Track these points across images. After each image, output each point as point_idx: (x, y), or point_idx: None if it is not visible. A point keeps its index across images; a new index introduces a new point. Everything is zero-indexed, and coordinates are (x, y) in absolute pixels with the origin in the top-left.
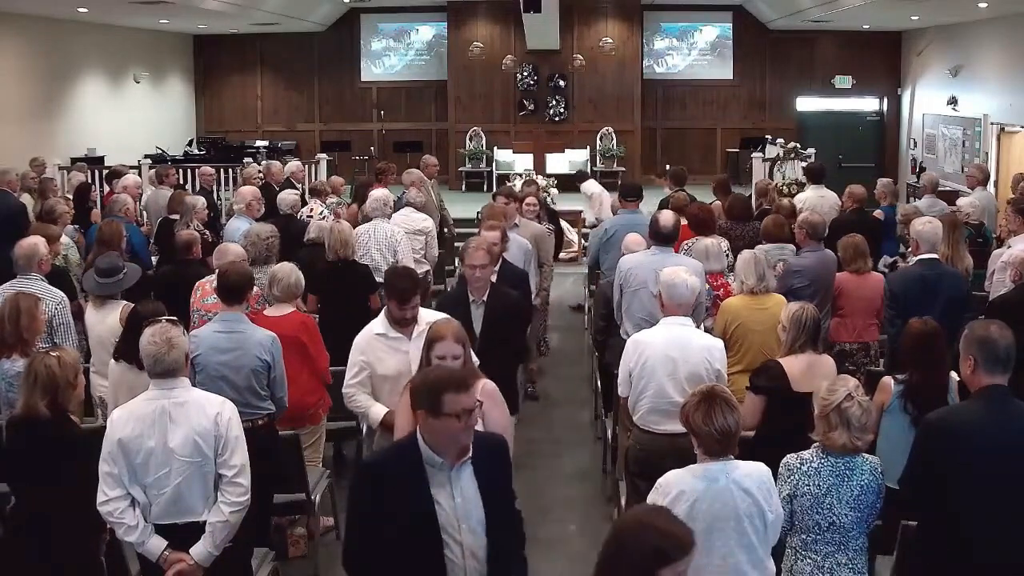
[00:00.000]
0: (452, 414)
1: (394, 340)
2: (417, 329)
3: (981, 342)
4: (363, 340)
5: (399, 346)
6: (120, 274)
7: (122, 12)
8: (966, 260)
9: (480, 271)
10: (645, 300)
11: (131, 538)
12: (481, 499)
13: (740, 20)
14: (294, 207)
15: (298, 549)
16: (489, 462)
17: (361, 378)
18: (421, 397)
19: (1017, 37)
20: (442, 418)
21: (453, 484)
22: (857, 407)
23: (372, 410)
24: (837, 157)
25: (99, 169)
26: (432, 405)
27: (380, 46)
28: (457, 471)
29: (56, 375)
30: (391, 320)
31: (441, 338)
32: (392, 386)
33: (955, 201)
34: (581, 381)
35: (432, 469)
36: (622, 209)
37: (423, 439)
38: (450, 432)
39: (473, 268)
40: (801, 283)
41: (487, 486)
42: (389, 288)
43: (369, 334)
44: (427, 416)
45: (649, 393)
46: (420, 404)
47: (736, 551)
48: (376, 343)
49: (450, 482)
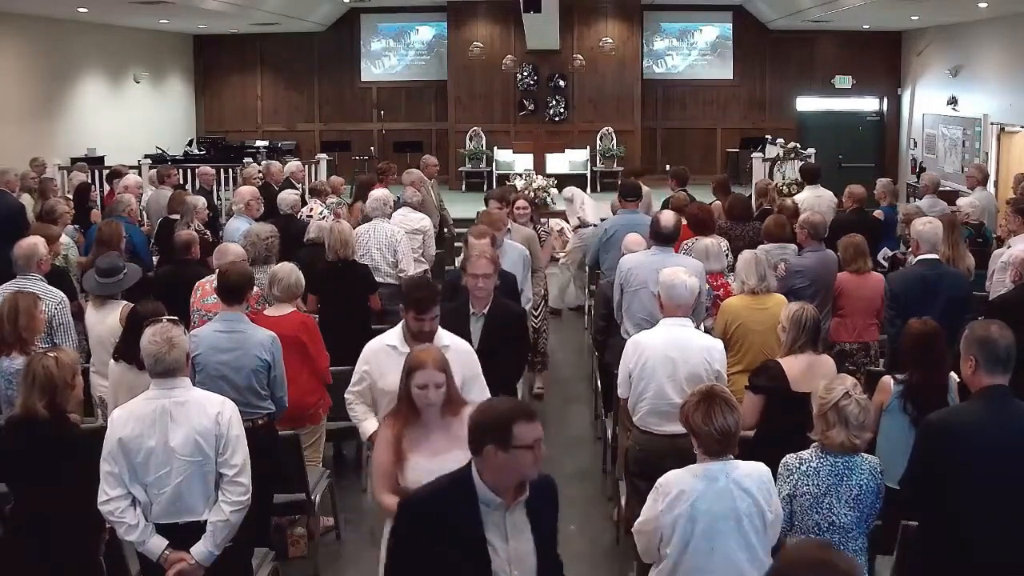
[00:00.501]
0: (524, 445)
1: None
2: None
3: (982, 342)
4: (372, 349)
5: None
6: (120, 274)
7: (122, 12)
8: (968, 260)
9: (484, 280)
10: (646, 300)
11: (132, 537)
12: (534, 544)
13: (740, 20)
14: (294, 207)
15: (298, 549)
16: (541, 503)
17: (361, 388)
18: (485, 432)
19: (1017, 37)
20: (512, 451)
21: (508, 526)
22: (855, 405)
23: (363, 425)
24: (837, 157)
25: (99, 169)
26: (502, 437)
27: (380, 46)
28: (511, 512)
29: (54, 375)
30: (408, 334)
31: (421, 366)
32: (391, 402)
33: (955, 201)
34: (581, 381)
35: (487, 509)
36: (622, 209)
37: (480, 476)
38: (521, 466)
39: (476, 278)
40: (802, 283)
41: (539, 530)
42: (406, 298)
43: (380, 344)
44: (496, 450)
45: (649, 394)
46: (484, 439)
47: (736, 551)
48: (384, 355)
49: (504, 524)
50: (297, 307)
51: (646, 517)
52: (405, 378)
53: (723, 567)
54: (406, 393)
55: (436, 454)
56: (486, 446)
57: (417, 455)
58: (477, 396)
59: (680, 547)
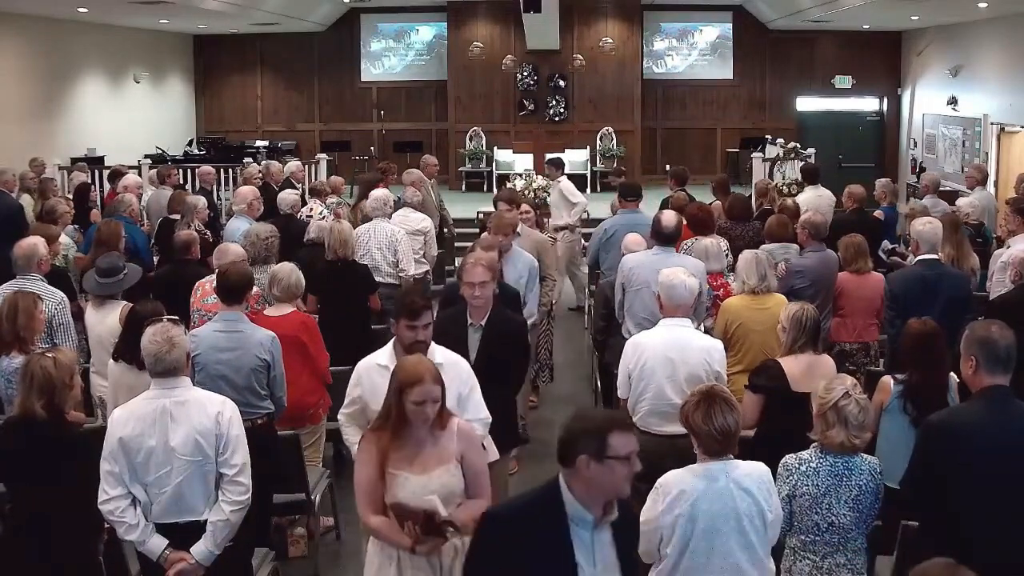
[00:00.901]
0: (620, 456)
1: None
2: None
3: (982, 342)
4: (363, 370)
5: None
6: (120, 274)
7: (122, 12)
8: (971, 259)
9: (480, 289)
10: (647, 299)
11: (132, 537)
12: (619, 567)
13: (740, 20)
14: (294, 207)
15: (298, 549)
16: (624, 523)
17: (353, 410)
18: (579, 441)
19: (1017, 37)
20: (607, 462)
21: (596, 547)
22: (854, 405)
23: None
24: (837, 157)
25: (99, 169)
26: (598, 448)
27: (380, 46)
28: (599, 531)
29: (52, 376)
30: (400, 350)
31: (418, 381)
32: None
33: (954, 202)
34: (581, 381)
35: (575, 528)
36: (622, 209)
37: (569, 490)
38: (615, 478)
39: (472, 286)
40: (803, 283)
41: (624, 551)
42: (397, 306)
43: (371, 364)
44: (590, 461)
45: (648, 395)
46: (577, 449)
47: (736, 551)
48: (376, 375)
49: (592, 545)
50: (297, 307)
51: (646, 517)
52: (397, 393)
53: (723, 567)
54: (398, 408)
55: (427, 470)
56: (579, 456)
57: (407, 471)
58: (472, 414)
59: (680, 547)
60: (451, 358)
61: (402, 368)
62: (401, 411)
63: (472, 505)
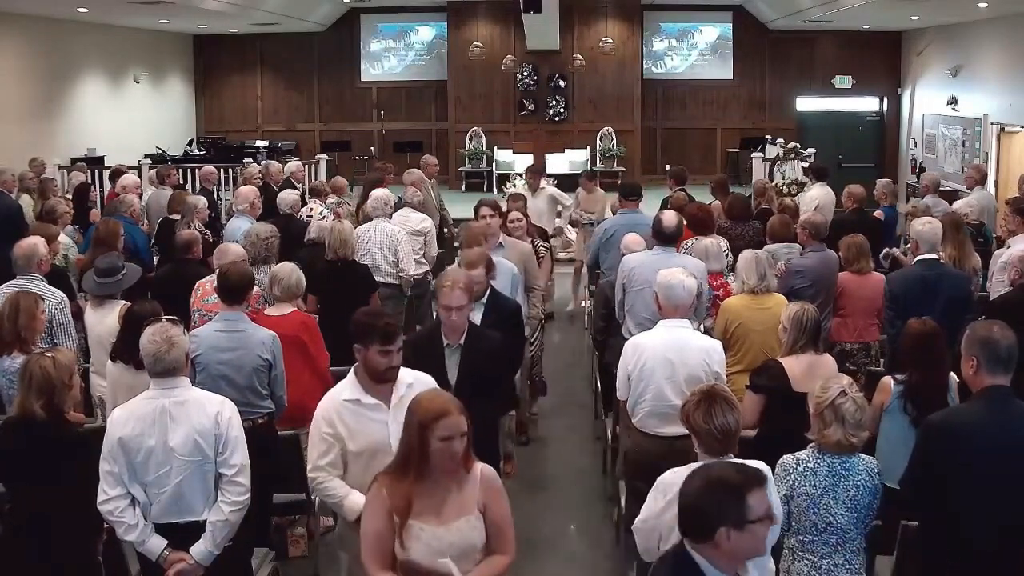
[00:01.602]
0: (761, 519)
1: (369, 408)
2: (397, 394)
3: (983, 343)
4: (328, 409)
5: (376, 415)
6: (119, 274)
7: (122, 12)
8: (973, 259)
9: (456, 314)
10: (648, 299)
11: (131, 537)
12: None
13: (740, 20)
14: (294, 207)
15: (298, 549)
16: None
17: (331, 457)
18: (715, 512)
19: (1017, 37)
20: (748, 527)
21: None
22: (851, 403)
23: (348, 500)
24: (837, 157)
25: (99, 169)
26: (738, 516)
27: (380, 46)
28: None
29: (51, 376)
30: (365, 379)
31: (444, 413)
32: (367, 464)
33: (953, 204)
34: (581, 381)
35: None
36: (622, 209)
37: (705, 560)
38: (757, 541)
39: (448, 310)
40: (803, 283)
41: None
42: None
43: (335, 401)
44: (730, 532)
45: (648, 396)
46: (714, 521)
47: None
48: (346, 412)
49: None
50: (297, 307)
51: (646, 515)
52: (419, 431)
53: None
54: (421, 449)
55: (447, 520)
56: (718, 530)
57: (425, 521)
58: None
59: None
60: (421, 379)
61: (421, 403)
62: (424, 452)
63: (493, 563)
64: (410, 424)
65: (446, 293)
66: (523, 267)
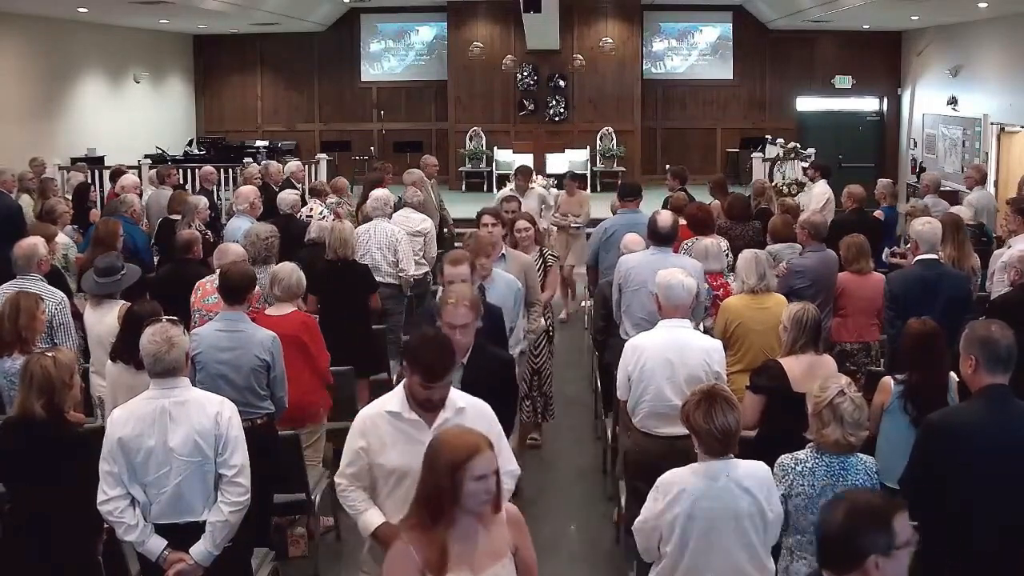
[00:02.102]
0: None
1: (410, 424)
2: (443, 415)
3: (983, 342)
4: (367, 419)
5: (416, 433)
6: (118, 274)
7: (122, 12)
8: (972, 259)
9: (462, 332)
10: (645, 300)
11: (131, 537)
12: None
13: (740, 20)
14: (294, 207)
15: (298, 549)
16: None
17: (357, 469)
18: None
19: (1017, 37)
20: (895, 554)
21: None
22: (849, 403)
23: (364, 516)
24: (837, 157)
25: (99, 169)
26: (887, 543)
27: (380, 46)
28: None
29: (52, 376)
30: (412, 399)
31: (477, 451)
32: (397, 484)
33: (954, 205)
34: (581, 381)
35: None
36: (621, 209)
37: None
38: (901, 568)
39: (453, 329)
40: (803, 283)
41: None
42: (413, 358)
43: (377, 411)
44: (878, 561)
45: (648, 396)
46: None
47: (736, 550)
48: (385, 424)
49: None
50: (298, 307)
51: (646, 516)
52: (450, 473)
53: (723, 566)
54: (452, 491)
55: (482, 569)
56: (868, 558)
57: (460, 573)
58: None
59: (680, 546)
60: (474, 404)
61: (448, 442)
62: (457, 495)
63: None
64: (436, 466)
65: (450, 310)
66: (524, 280)
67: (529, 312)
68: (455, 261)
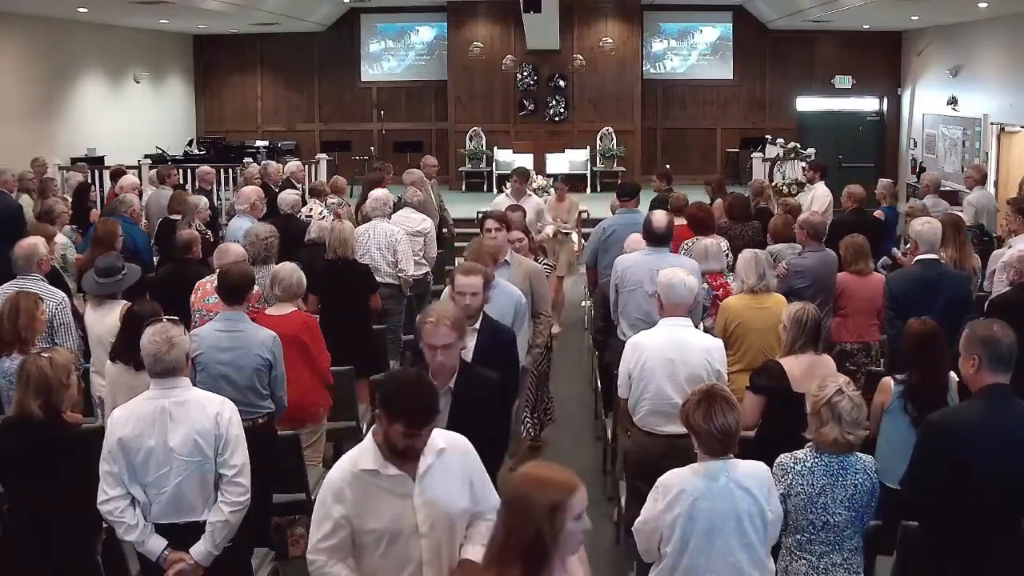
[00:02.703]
0: None
1: (392, 480)
2: (424, 461)
3: (985, 341)
4: (340, 482)
5: (398, 489)
6: (119, 274)
7: (122, 12)
8: (973, 259)
9: (443, 353)
10: (641, 300)
11: (131, 537)
12: None
13: (740, 20)
14: (294, 207)
15: (298, 549)
16: None
17: (337, 540)
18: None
19: (1017, 37)
20: None
21: None
22: (848, 402)
23: None
24: (837, 157)
25: (99, 169)
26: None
27: (380, 46)
28: None
29: (48, 376)
30: (386, 449)
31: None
32: (390, 544)
33: (954, 205)
34: (581, 381)
35: None
36: (620, 209)
37: None
38: None
39: (434, 350)
40: (802, 283)
41: None
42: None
43: (350, 471)
44: None
45: (649, 395)
46: None
47: (736, 550)
48: (362, 484)
49: None
50: (298, 307)
51: (646, 516)
52: (550, 515)
53: (723, 566)
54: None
55: None
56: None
57: None
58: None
59: (680, 546)
60: (453, 441)
61: (541, 481)
62: (556, 539)
63: None
64: (533, 511)
65: (430, 330)
66: (530, 288)
67: (535, 324)
68: (467, 271)
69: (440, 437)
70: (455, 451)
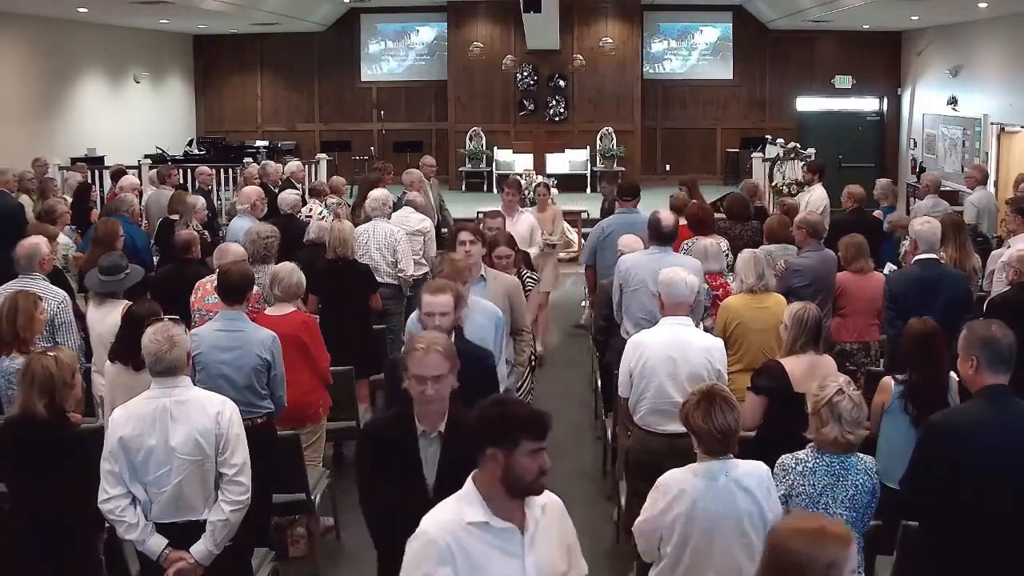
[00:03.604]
0: None
1: (503, 536)
2: (532, 515)
3: (985, 342)
4: (445, 539)
5: (510, 547)
6: (122, 272)
7: (122, 12)
8: (973, 259)
9: (434, 385)
10: (644, 299)
11: (131, 536)
12: None
13: (740, 20)
14: (294, 207)
15: (298, 549)
16: None
17: None
18: None
19: (1017, 37)
20: None
21: None
22: (848, 401)
23: None
24: (837, 157)
25: (99, 169)
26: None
27: (380, 46)
28: None
29: (53, 375)
30: (496, 494)
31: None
32: None
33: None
34: (581, 381)
35: None
36: (620, 208)
37: None
38: None
39: (423, 381)
40: (802, 283)
41: None
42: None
43: (454, 524)
44: None
45: (649, 394)
46: None
47: (736, 550)
48: (470, 541)
49: None
50: (298, 307)
51: (646, 516)
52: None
53: (723, 566)
54: None
55: None
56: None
57: None
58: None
59: (680, 546)
60: (553, 500)
61: (823, 535)
62: None
63: None
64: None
65: (419, 358)
66: (508, 305)
67: (516, 341)
68: (436, 290)
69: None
70: (555, 511)
